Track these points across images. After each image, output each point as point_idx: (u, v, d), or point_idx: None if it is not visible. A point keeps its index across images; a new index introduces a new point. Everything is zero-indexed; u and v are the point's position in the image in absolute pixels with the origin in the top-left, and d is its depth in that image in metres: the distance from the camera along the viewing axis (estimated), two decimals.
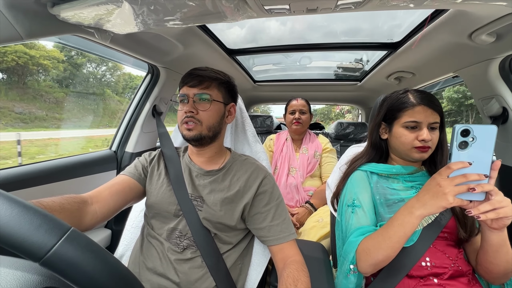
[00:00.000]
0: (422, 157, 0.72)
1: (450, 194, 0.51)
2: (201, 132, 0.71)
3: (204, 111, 0.71)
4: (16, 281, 0.32)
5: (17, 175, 0.90)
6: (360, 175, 0.81)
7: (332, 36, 1.47)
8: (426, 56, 1.25)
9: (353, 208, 0.75)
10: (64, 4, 0.69)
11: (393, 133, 0.77)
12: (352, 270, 0.67)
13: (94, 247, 0.29)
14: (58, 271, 0.26)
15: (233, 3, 0.68)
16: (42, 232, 0.26)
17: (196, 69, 0.74)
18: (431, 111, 0.70)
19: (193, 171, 0.78)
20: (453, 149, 0.53)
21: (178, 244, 0.70)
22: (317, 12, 0.76)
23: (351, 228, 0.73)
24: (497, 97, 1.06)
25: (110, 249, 1.25)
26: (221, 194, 0.72)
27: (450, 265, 0.67)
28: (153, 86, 1.39)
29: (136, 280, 0.32)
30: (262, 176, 0.76)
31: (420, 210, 0.56)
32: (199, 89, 0.72)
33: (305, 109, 1.60)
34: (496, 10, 0.74)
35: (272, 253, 0.73)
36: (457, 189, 0.51)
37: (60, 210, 0.54)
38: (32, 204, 0.29)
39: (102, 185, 0.71)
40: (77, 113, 22.42)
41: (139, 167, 0.78)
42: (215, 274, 0.67)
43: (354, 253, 0.66)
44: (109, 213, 0.67)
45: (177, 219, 0.72)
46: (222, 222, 0.71)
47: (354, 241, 0.67)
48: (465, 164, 0.51)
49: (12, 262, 0.35)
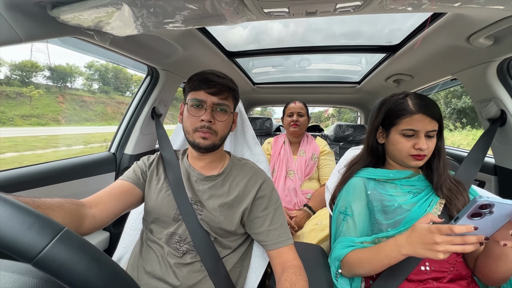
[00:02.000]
0: (417, 164, 0.73)
1: (442, 253, 0.51)
2: (214, 142, 0.71)
3: (221, 121, 0.71)
4: (12, 283, 0.31)
5: (15, 177, 0.90)
6: (356, 183, 0.80)
7: (331, 39, 1.47)
8: (425, 59, 1.26)
9: (344, 216, 0.77)
10: (64, 6, 0.69)
11: (390, 139, 0.76)
12: (339, 274, 0.72)
13: (88, 248, 0.28)
14: (51, 272, 0.25)
15: (232, 6, 0.68)
16: (34, 232, 0.26)
17: (214, 74, 0.72)
18: (429, 119, 0.70)
19: (192, 176, 0.77)
20: (464, 217, 0.49)
21: (178, 249, 0.69)
22: (316, 15, 0.76)
23: (340, 234, 0.77)
24: (495, 100, 1.07)
25: (109, 252, 1.25)
26: (221, 200, 0.72)
27: (449, 269, 0.66)
28: (153, 88, 1.39)
29: (132, 281, 0.31)
30: (261, 180, 0.76)
31: (407, 251, 0.57)
32: (219, 99, 0.71)
33: (302, 111, 1.61)
34: (494, 14, 0.74)
35: (271, 257, 0.72)
36: (450, 249, 0.51)
37: (59, 208, 0.53)
38: (24, 205, 0.28)
39: (101, 190, 0.70)
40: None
41: (138, 172, 0.77)
42: (214, 278, 0.67)
43: (339, 262, 0.72)
44: (108, 218, 0.66)
45: (176, 223, 0.71)
46: (222, 227, 0.70)
47: (339, 253, 0.71)
48: (469, 228, 0.49)
49: (8, 265, 0.34)
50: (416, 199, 0.73)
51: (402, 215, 0.71)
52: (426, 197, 0.73)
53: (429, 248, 0.53)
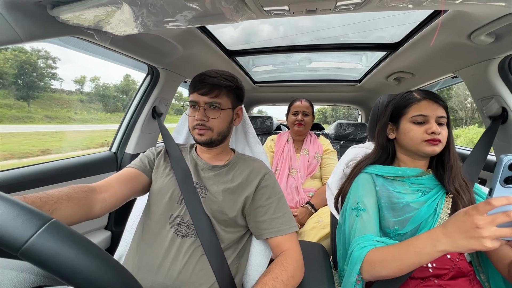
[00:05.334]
0: (434, 150, 0.69)
1: (489, 238, 0.43)
2: (211, 137, 0.76)
3: (214, 118, 0.75)
4: (10, 280, 0.32)
5: (16, 177, 0.90)
6: (365, 178, 0.79)
7: (332, 37, 1.47)
8: (426, 56, 1.25)
9: (357, 212, 0.73)
10: (64, 6, 0.69)
11: (400, 129, 0.76)
12: (358, 280, 0.63)
13: (77, 238, 0.28)
14: (38, 262, 0.25)
15: (232, 4, 0.68)
16: (19, 222, 0.26)
17: (206, 75, 0.75)
18: (436, 105, 0.70)
19: (199, 165, 0.81)
20: (497, 184, 0.44)
21: (178, 231, 0.70)
22: (317, 13, 0.76)
23: (355, 233, 0.69)
24: (497, 97, 1.07)
25: (110, 251, 1.25)
26: (224, 185, 0.76)
27: (452, 266, 0.66)
28: (153, 87, 1.39)
29: (124, 269, 0.31)
30: (264, 172, 0.79)
31: (446, 246, 0.48)
32: (209, 98, 0.74)
33: (308, 111, 1.60)
34: (495, 11, 0.74)
35: (273, 247, 0.74)
36: (498, 233, 0.42)
37: (68, 199, 0.55)
38: (10, 197, 0.28)
39: (109, 176, 0.73)
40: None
41: (145, 161, 0.82)
42: (213, 262, 0.67)
43: (359, 265, 0.61)
44: (117, 201, 0.69)
45: (180, 206, 0.74)
46: (224, 210, 0.72)
47: (358, 254, 0.63)
48: (509, 200, 0.42)
49: (7, 263, 0.35)
50: (425, 198, 0.71)
51: (411, 213, 0.69)
52: (435, 196, 0.72)
53: (471, 235, 0.44)
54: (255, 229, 0.75)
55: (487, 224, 0.43)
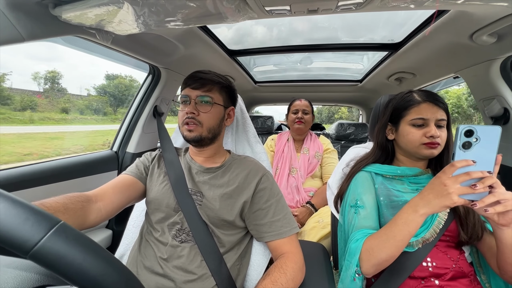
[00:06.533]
0: (432, 153, 0.71)
1: (454, 193, 0.51)
2: (201, 134, 0.74)
3: (205, 113, 0.74)
4: (13, 279, 0.32)
5: (18, 176, 0.91)
6: (364, 176, 0.80)
7: (333, 37, 1.47)
8: (427, 56, 1.25)
9: (356, 209, 0.74)
10: (66, 5, 0.69)
11: (400, 132, 0.76)
12: (357, 272, 0.65)
13: (85, 241, 0.28)
14: (47, 264, 0.26)
15: (234, 4, 0.68)
16: (29, 225, 0.26)
17: (199, 72, 0.76)
18: (437, 108, 0.70)
19: (193, 168, 0.80)
20: (456, 149, 0.53)
21: (176, 237, 0.70)
22: (318, 13, 0.76)
23: (353, 229, 0.71)
24: (499, 98, 1.06)
25: (111, 250, 1.25)
26: (220, 190, 0.74)
27: (452, 266, 0.66)
28: (154, 87, 1.40)
29: (130, 272, 0.31)
30: (261, 174, 0.77)
31: (424, 208, 0.56)
32: (201, 92, 0.74)
33: (308, 109, 1.61)
34: (497, 11, 0.74)
35: (272, 249, 0.73)
36: (461, 189, 0.51)
37: (64, 211, 0.55)
38: (20, 199, 0.28)
39: (105, 183, 0.72)
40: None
41: (141, 166, 0.80)
42: (215, 273, 0.67)
43: (358, 255, 0.64)
44: (113, 210, 0.68)
45: (176, 214, 0.73)
46: (221, 216, 0.71)
47: (356, 244, 0.66)
48: (468, 162, 0.52)
49: (10, 261, 0.35)
50: None
51: None
52: None
53: (441, 194, 0.53)
54: (255, 231, 0.75)
55: (452, 182, 0.52)
